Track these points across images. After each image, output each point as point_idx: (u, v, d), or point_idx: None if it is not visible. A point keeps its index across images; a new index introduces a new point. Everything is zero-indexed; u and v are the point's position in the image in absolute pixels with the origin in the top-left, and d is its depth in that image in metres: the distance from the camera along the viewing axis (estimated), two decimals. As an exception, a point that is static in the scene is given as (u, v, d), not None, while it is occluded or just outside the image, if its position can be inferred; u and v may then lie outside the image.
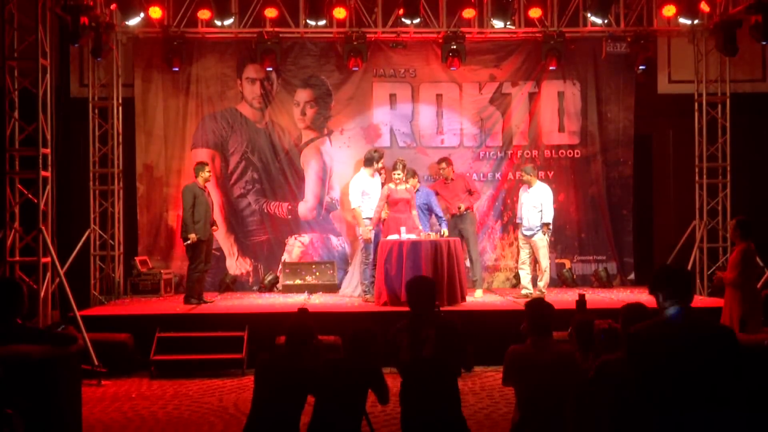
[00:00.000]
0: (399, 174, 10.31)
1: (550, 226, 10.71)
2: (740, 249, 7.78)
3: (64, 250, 10.29)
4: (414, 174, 10.85)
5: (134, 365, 9.07)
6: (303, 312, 4.92)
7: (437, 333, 4.66)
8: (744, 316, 7.65)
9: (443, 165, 11.38)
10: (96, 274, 11.61)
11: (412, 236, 10.07)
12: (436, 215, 10.81)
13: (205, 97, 12.33)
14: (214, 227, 10.64)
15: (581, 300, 6.12)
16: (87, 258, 11.47)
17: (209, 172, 10.50)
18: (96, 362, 8.58)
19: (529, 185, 10.77)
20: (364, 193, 10.53)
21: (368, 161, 10.62)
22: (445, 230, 10.45)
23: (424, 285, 5.13)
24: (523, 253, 10.84)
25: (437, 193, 11.14)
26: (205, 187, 10.43)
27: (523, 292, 10.74)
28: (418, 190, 10.81)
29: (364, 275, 10.58)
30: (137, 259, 11.71)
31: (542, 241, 10.64)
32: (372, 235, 10.35)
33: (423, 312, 4.90)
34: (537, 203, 10.65)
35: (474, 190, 11.40)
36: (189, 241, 10.19)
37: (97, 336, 8.90)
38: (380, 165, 10.70)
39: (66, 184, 11.17)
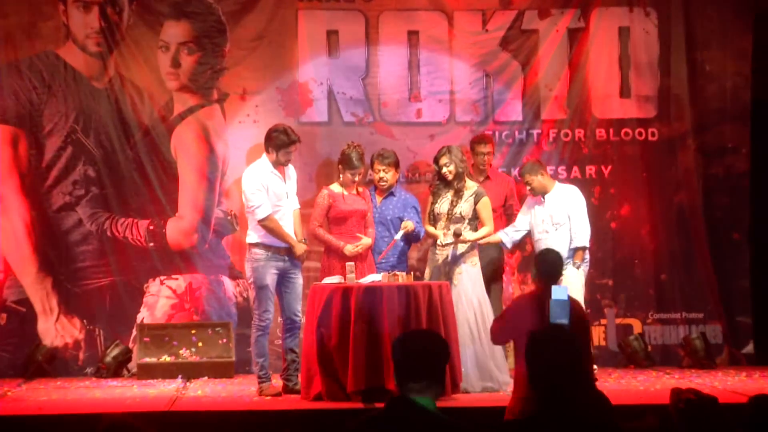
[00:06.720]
0: (357, 172, 7.86)
1: (587, 253, 8.12)
2: None
3: None
4: (396, 164, 8.17)
5: None
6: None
7: None
8: None
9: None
10: None
11: (368, 278, 7.53)
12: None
13: (2, 34, 9.12)
14: None
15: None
16: None
17: None
18: None
19: (544, 192, 8.21)
20: (266, 189, 7.75)
21: (273, 142, 7.63)
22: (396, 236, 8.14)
23: (430, 347, 3.32)
24: None
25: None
26: None
27: None
28: (391, 193, 8.03)
29: (256, 347, 7.95)
30: None
31: (576, 279, 7.95)
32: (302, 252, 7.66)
33: (408, 402, 3.25)
34: (559, 217, 8.26)
35: None
36: None
37: None
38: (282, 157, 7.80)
39: None
